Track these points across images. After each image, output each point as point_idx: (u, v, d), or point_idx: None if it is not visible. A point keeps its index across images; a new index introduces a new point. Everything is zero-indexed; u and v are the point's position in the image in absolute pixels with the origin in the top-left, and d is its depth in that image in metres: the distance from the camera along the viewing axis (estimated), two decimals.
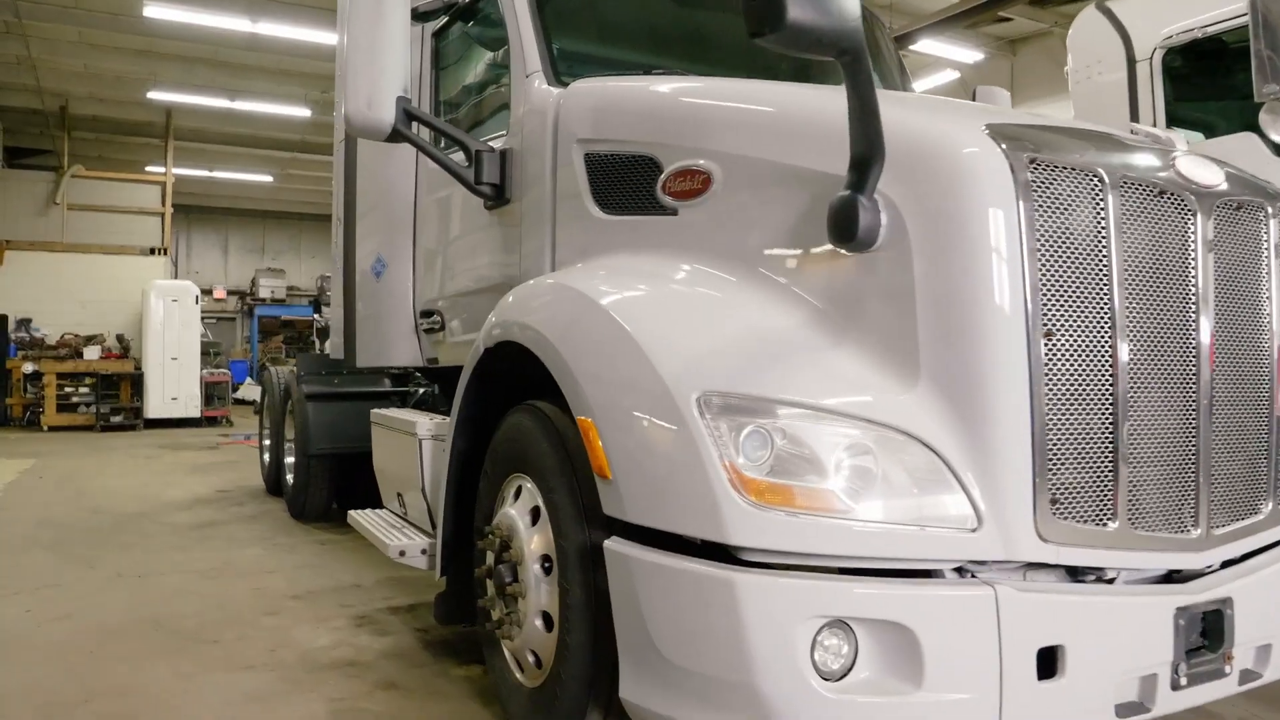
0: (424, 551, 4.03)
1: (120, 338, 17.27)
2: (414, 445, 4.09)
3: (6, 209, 17.80)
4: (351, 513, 4.80)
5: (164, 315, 16.54)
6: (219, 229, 27.63)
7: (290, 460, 7.78)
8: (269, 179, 23.33)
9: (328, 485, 7.15)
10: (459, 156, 3.87)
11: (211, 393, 17.70)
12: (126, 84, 16.97)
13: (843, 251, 2.40)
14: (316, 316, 23.62)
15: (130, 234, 18.58)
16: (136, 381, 16.43)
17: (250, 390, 22.76)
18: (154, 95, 16.94)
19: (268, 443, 9.09)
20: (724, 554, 2.24)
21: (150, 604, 4.85)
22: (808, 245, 2.55)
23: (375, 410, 4.88)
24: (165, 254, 18.71)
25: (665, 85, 3.39)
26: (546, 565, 2.88)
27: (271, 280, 26.78)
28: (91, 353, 16.53)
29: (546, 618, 2.86)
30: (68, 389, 16.10)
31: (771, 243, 2.64)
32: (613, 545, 2.44)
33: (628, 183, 3.16)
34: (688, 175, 2.90)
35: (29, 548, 6.26)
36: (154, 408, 16.25)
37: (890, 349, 2.35)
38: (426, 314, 4.62)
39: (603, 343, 2.60)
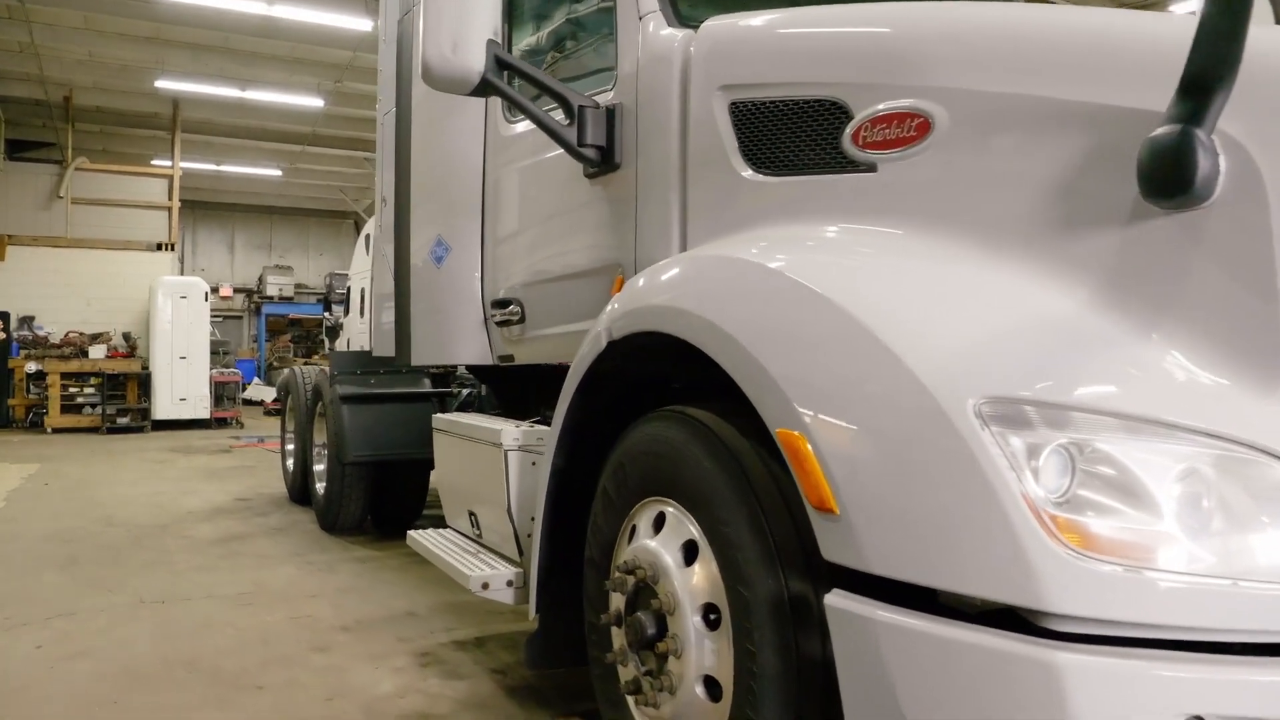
0: (510, 583, 3.42)
1: (127, 336, 16.65)
2: (496, 458, 3.47)
3: (8, 203, 17.17)
4: (413, 534, 4.18)
5: (172, 313, 15.91)
6: (225, 225, 26.99)
7: (320, 468, 7.16)
8: (277, 173, 22.71)
9: (363, 496, 6.53)
10: (557, 116, 3.24)
11: (220, 393, 17.07)
12: (133, 73, 16.34)
13: (1158, 209, 1.78)
14: (326, 315, 23.00)
15: (136, 229, 17.95)
16: (144, 382, 15.81)
17: (259, 390, 22.19)
18: (162, 84, 16.33)
19: (291, 448, 8.49)
20: (1013, 618, 1.62)
21: (180, 638, 4.23)
22: (1093, 202, 1.92)
23: (439, 416, 4.26)
24: (172, 249, 18.09)
25: (854, 10, 2.75)
26: (712, 618, 2.25)
27: (279, 278, 26.15)
28: (97, 352, 15.91)
29: (712, 685, 2.24)
30: (72, 389, 15.49)
31: (1032, 202, 2.01)
32: (842, 603, 1.81)
33: (798, 135, 2.53)
34: (894, 121, 2.27)
35: (38, 567, 5.63)
36: (162, 409, 15.64)
37: (1234, 339, 1.72)
38: (500, 304, 4.00)
39: (818, 334, 1.97)
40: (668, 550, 2.41)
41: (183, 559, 5.87)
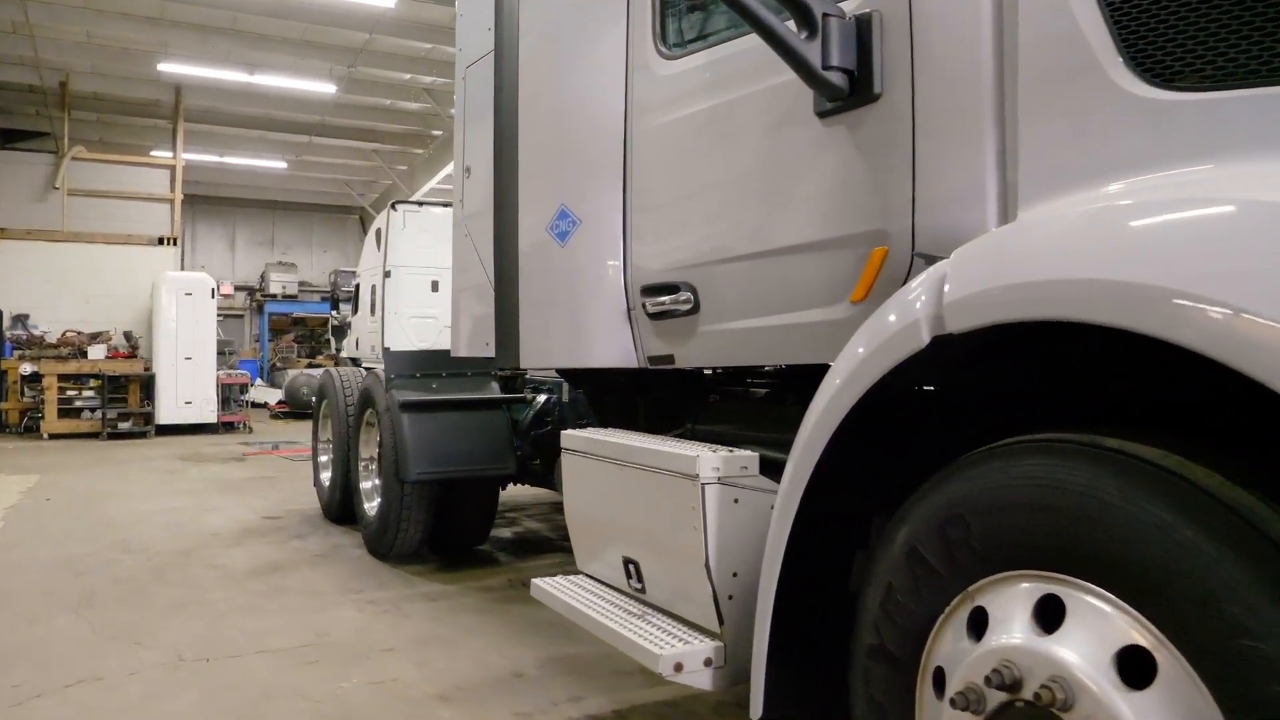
0: (708, 662, 2.54)
1: (128, 335, 15.70)
2: (687, 494, 2.59)
3: (0, 194, 16.20)
4: (541, 584, 3.30)
5: (176, 310, 14.97)
6: (225, 220, 26.00)
7: (368, 485, 6.27)
8: (282, 165, 21.75)
9: (424, 519, 5.63)
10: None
11: (227, 396, 16.12)
12: (134, 56, 15.40)
13: None
14: (333, 314, 22.08)
15: (137, 222, 16.98)
16: (146, 384, 14.87)
17: (262, 392, 21.22)
18: (165, 68, 15.37)
19: (325, 459, 7.59)
20: None
21: (236, 714, 3.33)
22: None
23: (573, 434, 3.35)
24: (175, 244, 17.12)
25: None
26: None
27: (283, 275, 25.19)
28: (96, 352, 14.96)
29: None
30: (70, 392, 14.53)
31: None
32: None
33: (1242, 26, 1.66)
34: None
35: (49, 609, 4.72)
36: (166, 413, 14.69)
37: None
38: (659, 291, 3.12)
39: None
40: (1092, 661, 1.53)
41: (219, 596, 4.97)
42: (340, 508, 6.97)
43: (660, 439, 2.98)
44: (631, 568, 2.97)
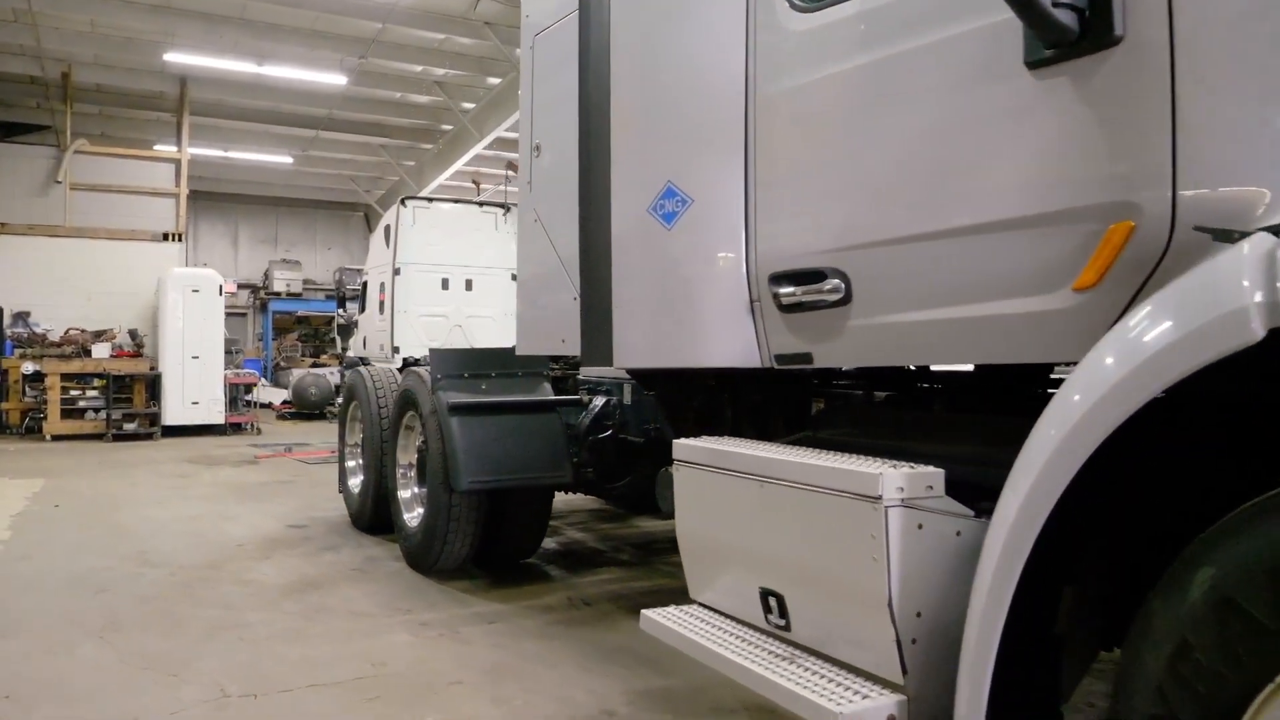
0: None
1: (133, 333, 15.24)
2: (861, 517, 2.17)
3: (0, 188, 15.73)
4: (653, 616, 2.89)
5: (183, 308, 14.51)
6: (227, 217, 25.50)
7: (407, 494, 5.84)
8: (288, 160, 21.26)
9: (474, 530, 5.20)
10: None
11: (233, 396, 15.67)
12: (139, 46, 14.93)
13: None
14: (339, 312, 21.62)
15: (141, 217, 16.51)
16: (152, 384, 14.41)
17: (266, 392, 20.74)
18: (171, 58, 14.89)
19: (352, 463, 7.18)
20: None
21: None
22: None
23: (689, 444, 2.93)
24: (180, 240, 16.66)
25: None
26: None
27: (286, 273, 24.70)
28: (101, 350, 14.50)
29: None
30: (74, 392, 14.06)
31: None
32: None
33: None
34: None
35: (70, 635, 4.29)
36: (172, 413, 14.23)
37: None
38: (796, 278, 2.70)
39: None
40: None
41: (256, 619, 4.54)
42: (373, 516, 6.55)
43: (815, 451, 2.56)
44: (772, 601, 2.55)
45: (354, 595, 5.01)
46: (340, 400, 7.65)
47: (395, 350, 16.35)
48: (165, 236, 16.56)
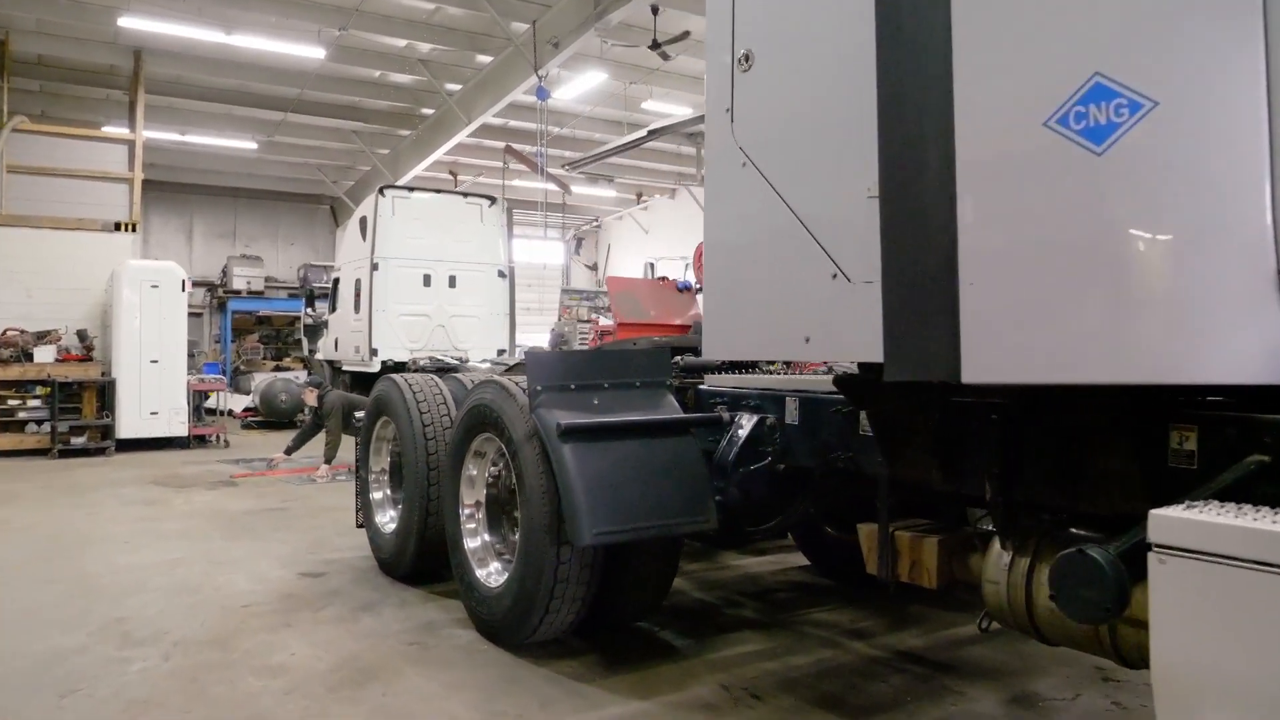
0: None
1: (82, 334, 13.50)
2: None
3: None
4: None
5: (140, 305, 12.86)
6: (182, 209, 23.59)
7: (476, 542, 4.49)
8: (252, 146, 19.55)
9: (585, 594, 3.89)
10: None
11: (198, 404, 14.03)
12: (89, 10, 13.24)
13: None
14: (307, 311, 19.96)
15: (89, 205, 14.73)
16: (104, 391, 12.73)
17: (225, 399, 19.00)
18: (126, 23, 13.21)
19: (379, 495, 5.80)
20: None
21: None
22: None
23: (1189, 517, 1.66)
24: (135, 230, 14.93)
25: None
26: None
27: (247, 269, 22.87)
28: (44, 354, 12.76)
29: None
30: (12, 401, 12.33)
31: None
32: None
33: None
34: None
35: None
36: (128, 425, 12.56)
37: None
38: None
39: None
40: None
41: None
42: (415, 563, 5.17)
43: None
44: None
45: (429, 690, 3.64)
46: (360, 415, 6.23)
47: (373, 352, 14.87)
48: (118, 227, 14.81)
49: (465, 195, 17.17)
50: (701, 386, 4.46)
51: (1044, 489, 2.82)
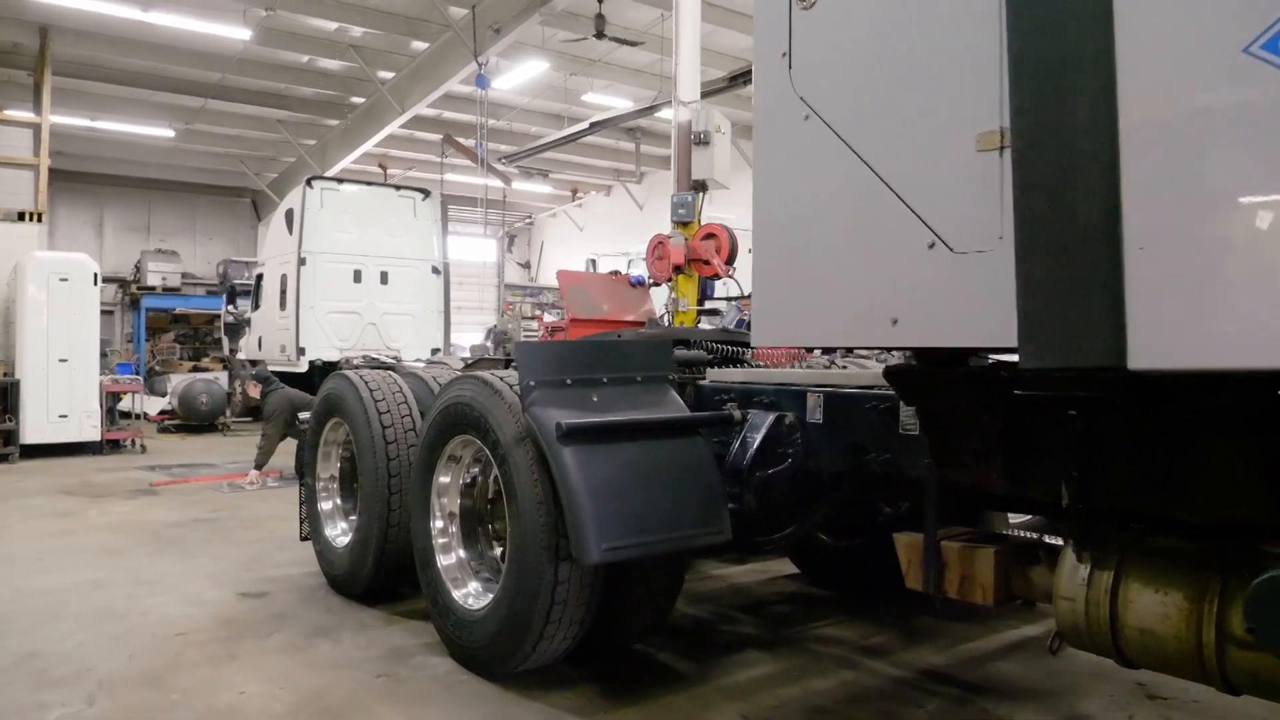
0: None
1: None
2: None
3: None
4: None
5: (48, 301, 11.88)
6: (92, 201, 22.23)
7: (450, 559, 3.99)
8: (169, 134, 18.48)
9: (584, 617, 3.45)
10: None
11: (111, 406, 13.06)
12: None
13: None
14: (229, 309, 18.96)
15: None
16: (6, 393, 11.71)
17: (139, 402, 17.88)
18: None
19: (328, 505, 5.26)
20: None
21: None
22: None
23: None
24: (40, 220, 13.84)
25: None
26: None
27: (162, 265, 21.63)
28: None
29: None
30: None
31: None
32: None
33: None
34: None
35: None
36: (34, 429, 11.57)
37: None
38: None
39: None
40: None
41: None
42: (374, 579, 4.64)
43: None
44: None
45: None
46: (305, 418, 5.65)
47: (301, 351, 14.07)
48: (21, 216, 13.72)
49: (398, 188, 16.46)
50: (703, 382, 4.05)
51: (1142, 494, 2.48)
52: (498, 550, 4.03)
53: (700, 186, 10.07)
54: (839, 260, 2.29)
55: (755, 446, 3.51)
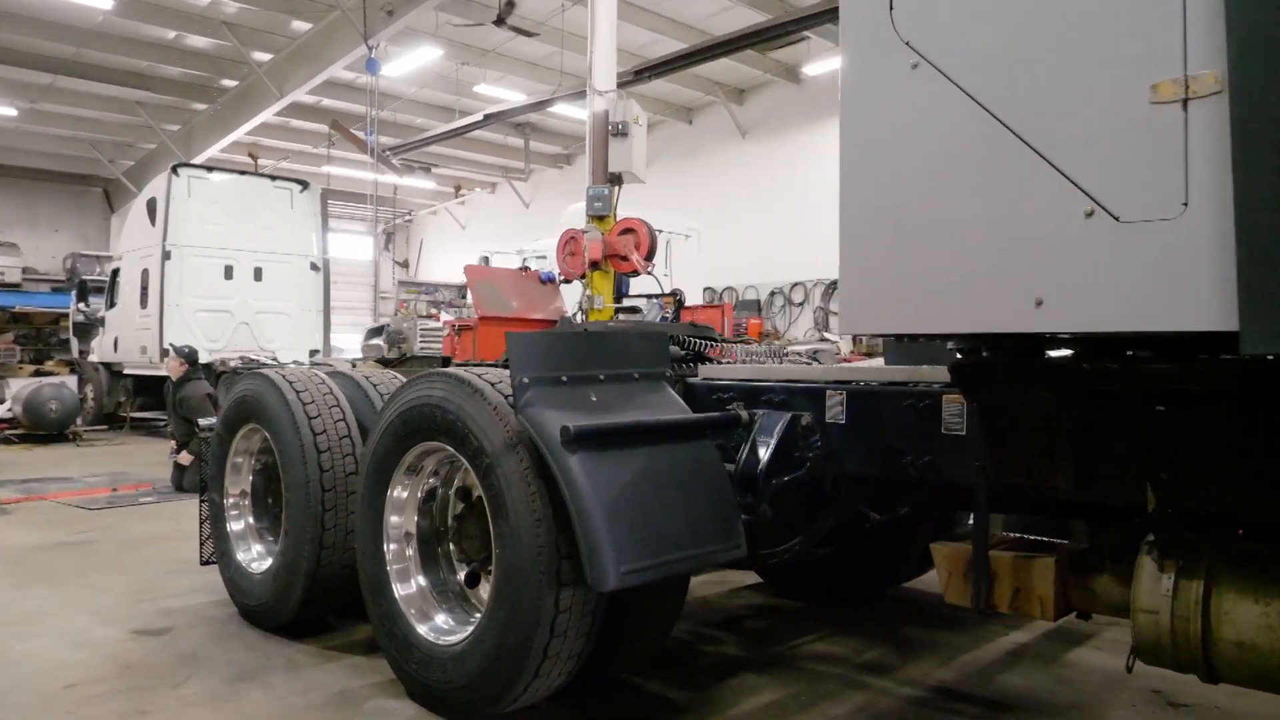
0: None
1: None
2: None
3: None
4: None
5: None
6: None
7: (409, 588, 3.48)
8: (11, 113, 16.73)
9: (583, 649, 3.01)
10: None
11: None
12: None
13: None
14: (79, 307, 17.32)
15: None
16: None
17: None
18: None
19: (239, 525, 4.65)
20: None
21: None
22: None
23: None
24: None
25: None
26: None
27: (1, 259, 19.64)
28: None
29: None
30: None
31: None
32: None
33: None
34: None
35: None
36: None
37: None
38: None
39: None
40: None
41: None
42: (303, 609, 4.04)
43: None
44: None
45: None
46: (208, 425, 4.95)
47: (165, 353, 12.91)
48: None
49: (274, 178, 15.46)
50: (694, 380, 3.66)
51: (1248, 496, 2.26)
52: (462, 574, 3.53)
53: (616, 180, 9.71)
54: (963, 233, 1.94)
55: (771, 451, 3.15)
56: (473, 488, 3.50)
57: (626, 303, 9.67)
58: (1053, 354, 2.43)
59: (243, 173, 14.48)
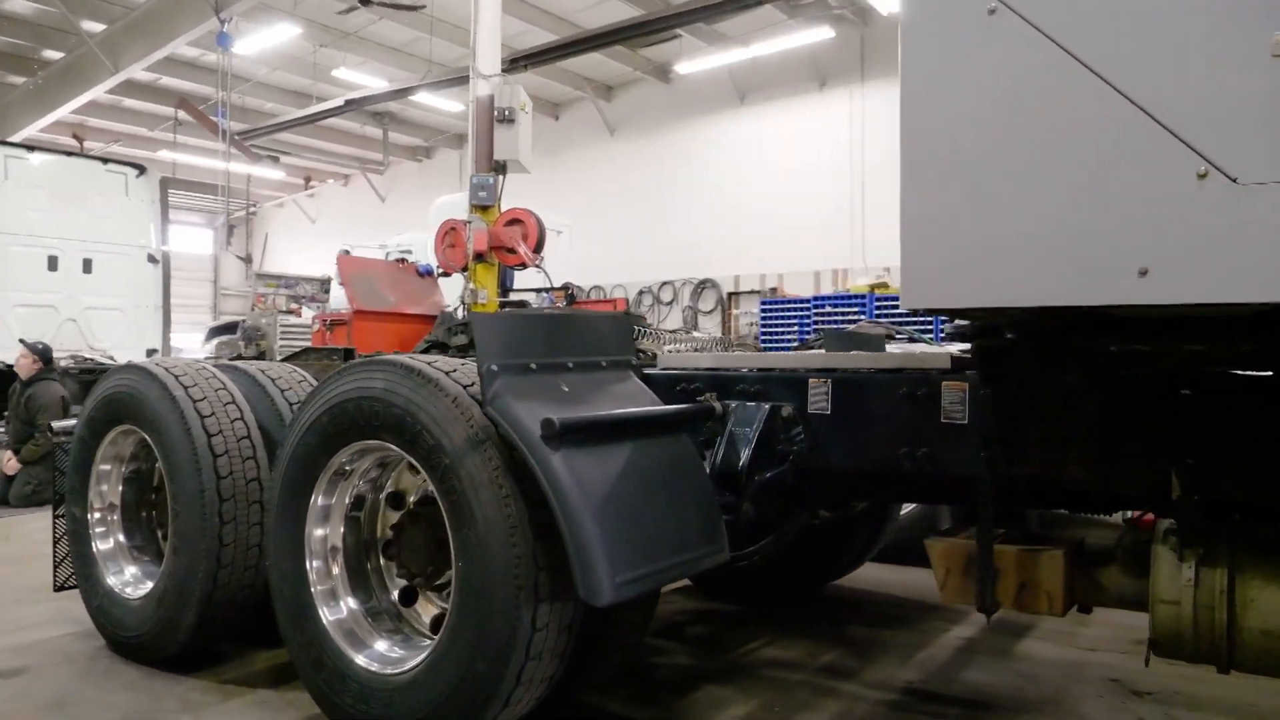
0: None
1: None
2: None
3: None
4: None
5: None
6: None
7: (338, 613, 3.05)
8: None
9: (556, 669, 2.68)
10: None
11: None
12: None
13: None
14: None
15: None
16: None
17: None
18: None
19: (108, 544, 4.10)
20: None
21: None
22: None
23: None
24: None
25: None
26: None
27: None
28: None
29: None
30: None
31: None
32: None
33: None
34: None
35: None
36: None
37: None
38: None
39: None
40: None
41: None
42: (194, 638, 3.51)
43: None
44: None
45: None
46: (64, 428, 4.28)
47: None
48: None
49: (105, 161, 14.23)
50: (652, 370, 3.38)
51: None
52: (395, 593, 3.12)
53: (501, 168, 9.31)
54: (1052, 197, 1.75)
55: (752, 445, 2.91)
56: (408, 491, 3.11)
57: (513, 296, 9.29)
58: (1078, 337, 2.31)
59: (70, 153, 13.17)
